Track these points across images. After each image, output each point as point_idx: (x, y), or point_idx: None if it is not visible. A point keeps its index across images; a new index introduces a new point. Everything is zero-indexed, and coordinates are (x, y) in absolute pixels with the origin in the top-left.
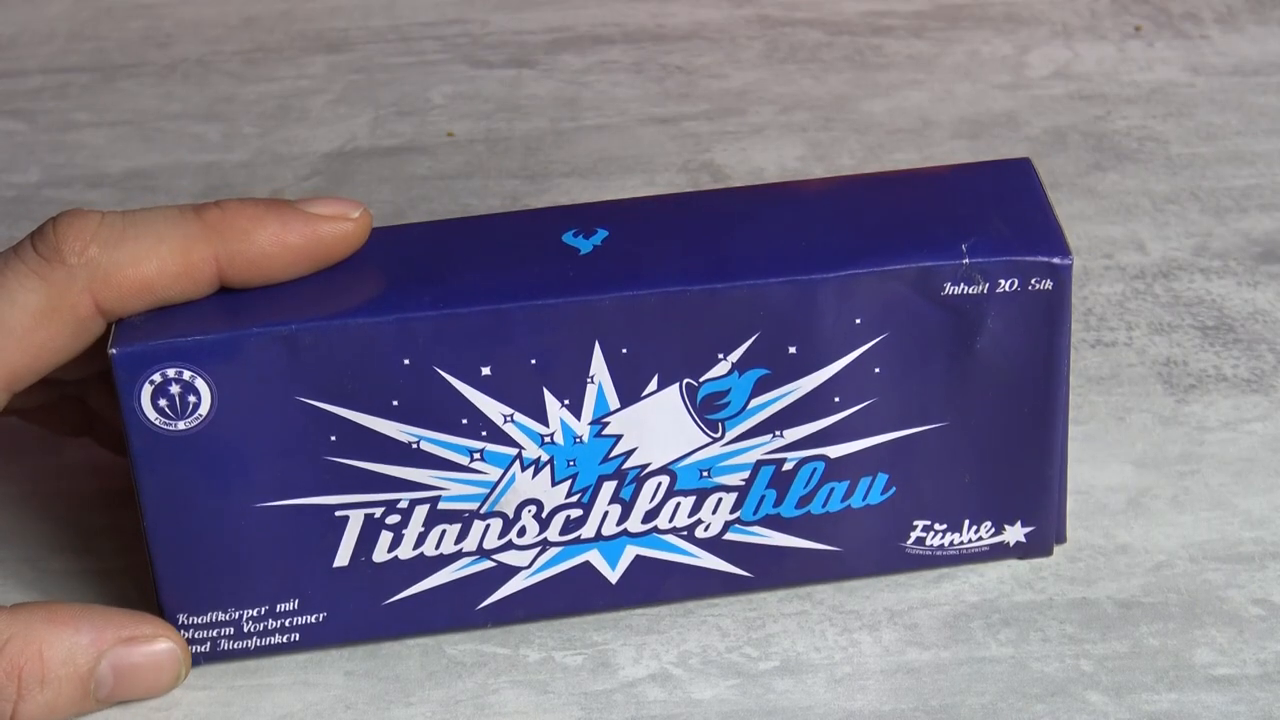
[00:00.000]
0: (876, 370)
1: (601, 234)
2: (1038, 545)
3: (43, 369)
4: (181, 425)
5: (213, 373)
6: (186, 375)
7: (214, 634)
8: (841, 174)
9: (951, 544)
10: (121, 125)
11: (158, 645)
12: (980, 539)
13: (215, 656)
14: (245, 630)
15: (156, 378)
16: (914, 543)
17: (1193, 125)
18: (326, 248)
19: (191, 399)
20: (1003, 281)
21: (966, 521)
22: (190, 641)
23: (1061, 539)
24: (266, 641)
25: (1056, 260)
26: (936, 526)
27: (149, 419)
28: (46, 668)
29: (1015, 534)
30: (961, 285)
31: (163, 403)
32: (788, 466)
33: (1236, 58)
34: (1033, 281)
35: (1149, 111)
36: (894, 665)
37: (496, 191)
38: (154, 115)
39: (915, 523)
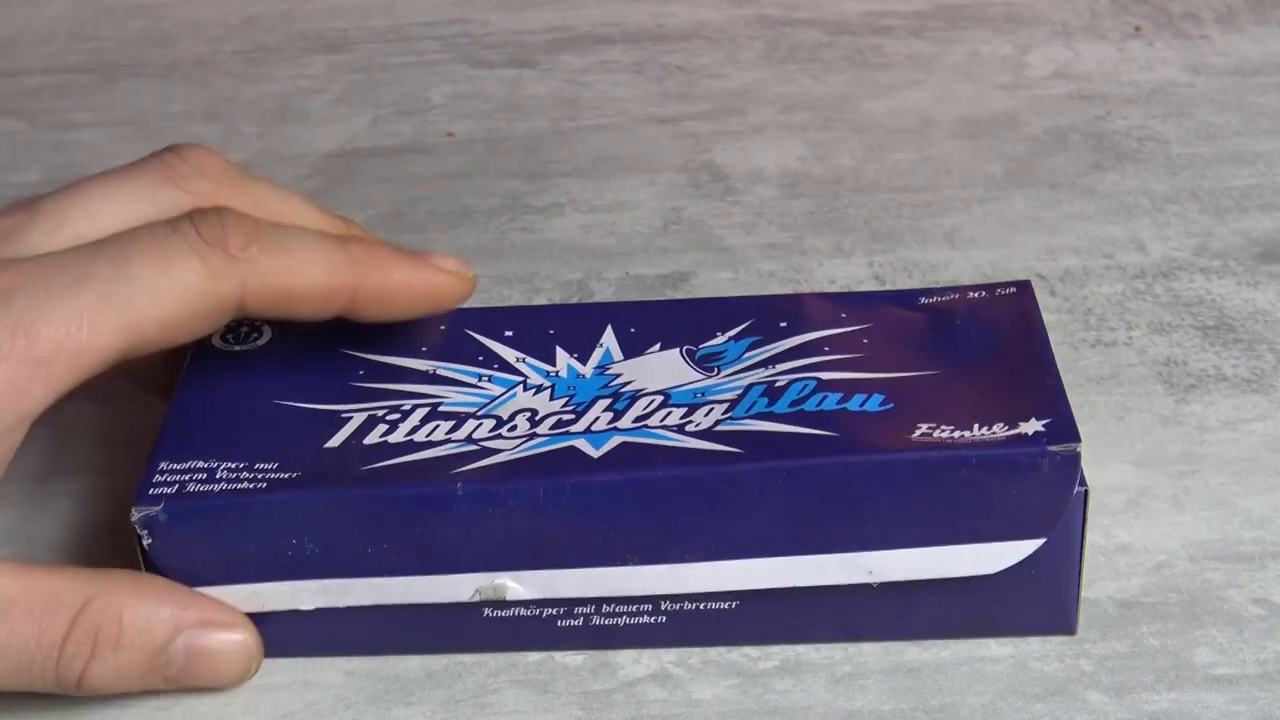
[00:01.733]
0: (865, 341)
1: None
2: (1062, 434)
3: (167, 342)
4: (238, 348)
5: (277, 323)
6: (256, 321)
7: (185, 477)
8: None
9: (963, 437)
10: (122, 125)
11: (234, 635)
12: (994, 434)
13: (179, 500)
14: (216, 476)
15: (232, 322)
16: (920, 435)
17: (1193, 125)
18: (441, 298)
19: (254, 335)
20: (971, 294)
21: (976, 424)
22: (160, 484)
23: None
24: (233, 487)
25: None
26: (943, 426)
27: (213, 343)
28: (123, 633)
29: (1032, 426)
30: (935, 298)
31: (229, 335)
32: (779, 384)
33: (1236, 58)
34: (998, 290)
35: (1149, 111)
36: (894, 665)
37: (496, 191)
38: (154, 115)
39: (919, 425)
